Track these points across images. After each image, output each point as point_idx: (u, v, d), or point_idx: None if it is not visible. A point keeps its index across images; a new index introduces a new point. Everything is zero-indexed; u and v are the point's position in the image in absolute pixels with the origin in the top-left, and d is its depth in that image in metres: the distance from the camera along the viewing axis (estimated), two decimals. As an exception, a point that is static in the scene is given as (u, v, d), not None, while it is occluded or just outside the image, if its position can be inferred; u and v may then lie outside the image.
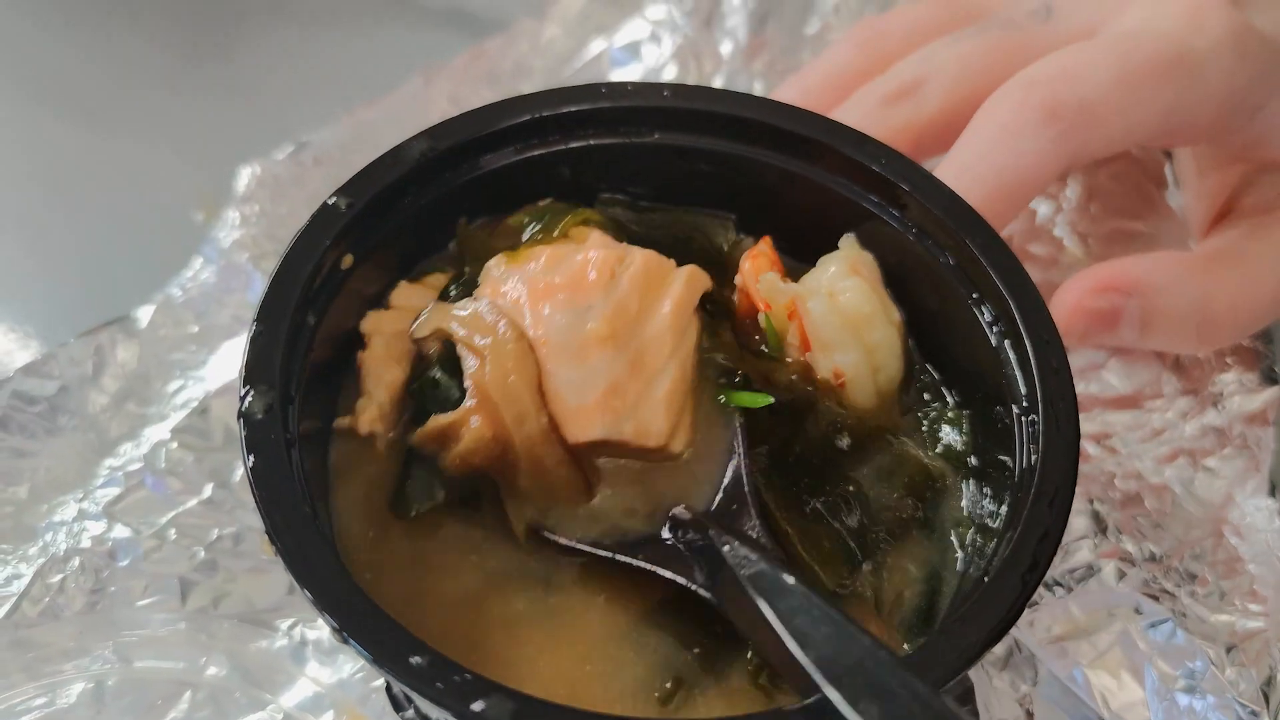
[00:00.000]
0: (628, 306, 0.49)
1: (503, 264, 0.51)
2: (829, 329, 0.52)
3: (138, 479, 0.62)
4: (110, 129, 0.84)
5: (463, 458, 0.48)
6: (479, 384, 0.48)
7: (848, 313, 0.52)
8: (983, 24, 0.63)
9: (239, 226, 0.73)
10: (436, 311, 0.51)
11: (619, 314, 0.49)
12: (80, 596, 0.59)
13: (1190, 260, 0.63)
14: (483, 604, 0.47)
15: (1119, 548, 0.63)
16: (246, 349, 0.46)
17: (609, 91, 0.55)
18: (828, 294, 0.52)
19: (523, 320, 0.49)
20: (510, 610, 0.48)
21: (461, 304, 0.50)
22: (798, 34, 0.83)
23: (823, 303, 0.52)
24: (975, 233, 0.51)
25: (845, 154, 0.54)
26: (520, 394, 0.48)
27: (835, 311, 0.52)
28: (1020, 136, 0.56)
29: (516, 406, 0.48)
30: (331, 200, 0.51)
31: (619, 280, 0.49)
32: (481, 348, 0.49)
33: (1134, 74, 0.57)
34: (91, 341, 0.67)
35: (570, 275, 0.49)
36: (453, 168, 0.53)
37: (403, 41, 0.88)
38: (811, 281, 0.53)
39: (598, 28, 0.84)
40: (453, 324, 0.50)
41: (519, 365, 0.48)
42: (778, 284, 0.53)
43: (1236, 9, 0.60)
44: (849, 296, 0.52)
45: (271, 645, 0.58)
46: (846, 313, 0.52)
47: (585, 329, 0.48)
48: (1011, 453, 0.48)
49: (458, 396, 0.49)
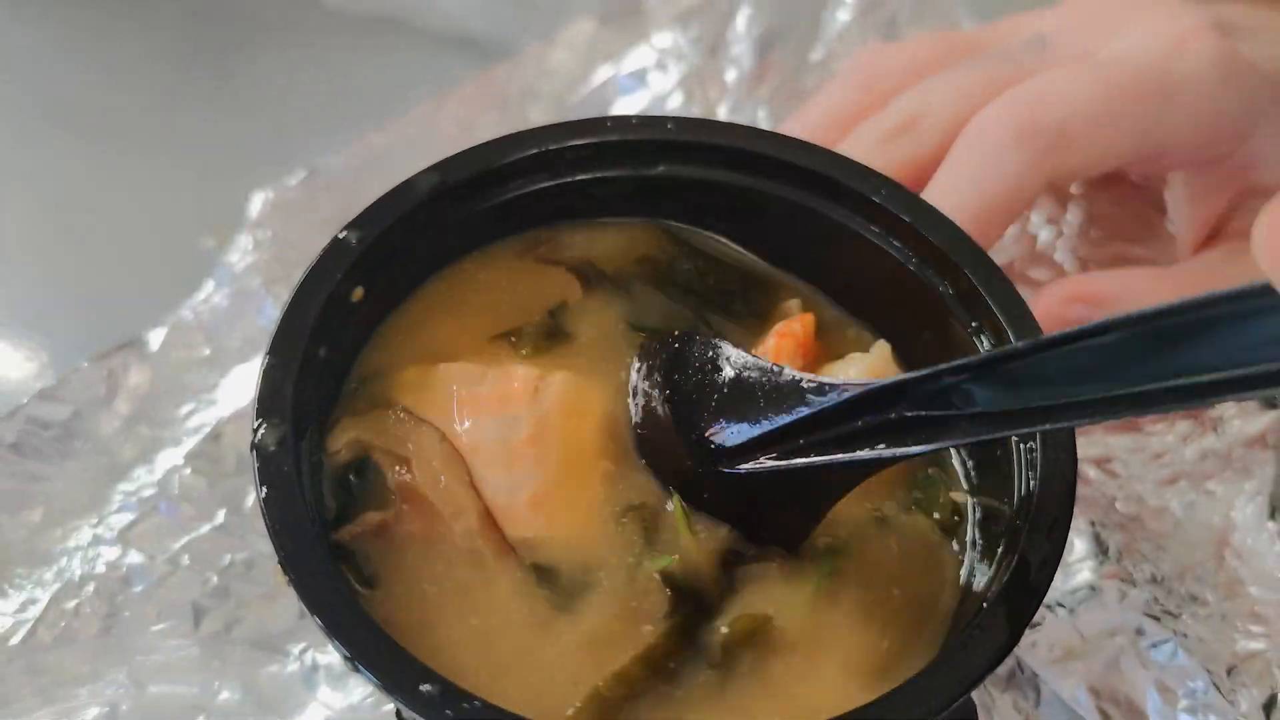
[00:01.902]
0: (552, 420, 0.50)
1: (418, 376, 0.52)
2: None
3: (151, 505, 0.63)
4: (122, 153, 0.85)
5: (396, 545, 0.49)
6: (408, 487, 0.49)
7: None
8: (978, 58, 0.64)
9: (251, 251, 0.74)
10: (349, 424, 0.51)
11: (544, 424, 0.50)
12: (95, 622, 0.60)
13: (1162, 278, 0.64)
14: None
15: (1120, 569, 0.64)
16: (259, 382, 0.47)
17: (614, 125, 0.56)
18: None
19: (448, 427, 0.50)
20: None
21: (374, 415, 0.51)
22: (803, 61, 0.84)
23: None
24: (975, 264, 0.52)
25: (848, 185, 0.55)
26: (455, 491, 0.49)
27: None
28: (998, 158, 0.57)
29: (452, 504, 0.49)
30: (342, 234, 0.51)
31: (540, 398, 0.50)
32: (407, 454, 0.49)
33: (1111, 96, 0.59)
34: (104, 365, 0.68)
35: (497, 388, 0.50)
36: (461, 201, 0.54)
37: (412, 67, 0.89)
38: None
39: (605, 55, 0.85)
40: (369, 434, 0.50)
41: (448, 466, 0.49)
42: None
43: (1224, 36, 0.61)
44: None
45: (283, 670, 0.58)
46: None
47: (515, 436, 0.49)
48: (1010, 480, 0.49)
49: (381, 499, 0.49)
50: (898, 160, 0.60)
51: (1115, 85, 0.59)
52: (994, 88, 0.60)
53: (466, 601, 0.47)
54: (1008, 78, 0.61)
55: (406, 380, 0.52)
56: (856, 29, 0.86)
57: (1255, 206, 0.66)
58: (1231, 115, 0.61)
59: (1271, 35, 0.67)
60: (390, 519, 0.49)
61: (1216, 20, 0.63)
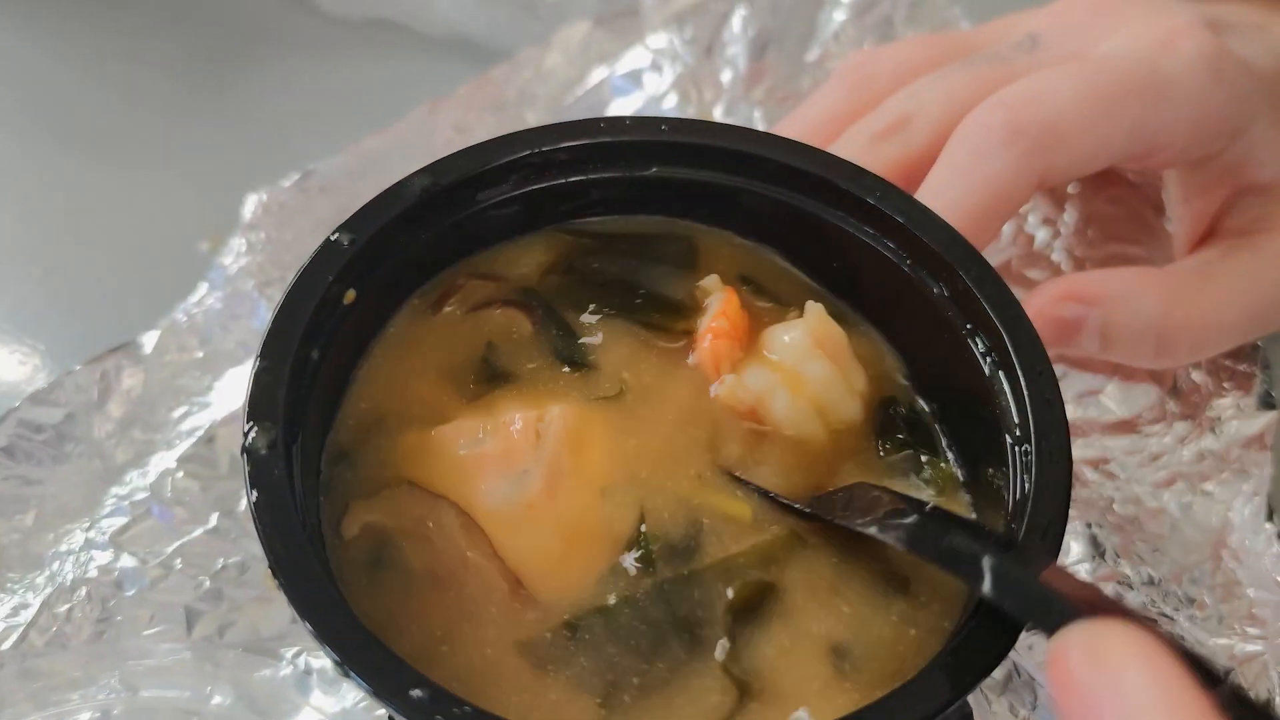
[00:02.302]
0: (561, 463, 0.49)
1: (417, 443, 0.51)
2: (792, 422, 0.52)
3: (144, 508, 0.63)
4: (116, 158, 0.84)
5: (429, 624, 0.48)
6: (434, 569, 0.48)
7: (815, 400, 0.52)
8: (969, 59, 0.64)
9: (245, 254, 0.74)
10: (360, 508, 0.50)
11: (555, 470, 0.49)
12: (87, 626, 0.59)
13: (1156, 276, 0.64)
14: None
15: (1117, 571, 0.64)
16: (250, 385, 0.47)
17: (607, 126, 0.56)
18: (791, 385, 0.52)
19: (462, 496, 0.49)
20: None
21: (384, 495, 0.49)
22: (798, 61, 0.84)
23: (786, 398, 0.51)
24: (969, 265, 0.52)
25: (840, 186, 0.54)
26: (482, 566, 0.48)
27: (800, 402, 0.51)
28: (987, 158, 0.57)
29: (482, 580, 0.48)
30: (334, 237, 0.51)
31: (545, 439, 0.49)
32: (428, 534, 0.48)
33: (1099, 94, 0.58)
34: (97, 368, 0.68)
35: (499, 442, 0.49)
36: (453, 203, 0.54)
37: (408, 71, 0.88)
38: (775, 359, 0.53)
39: (600, 56, 0.85)
40: (384, 517, 0.49)
41: (471, 541, 0.48)
42: (739, 390, 0.52)
43: (1215, 34, 0.61)
44: (815, 386, 0.52)
45: (276, 674, 0.58)
46: (814, 400, 0.52)
47: (530, 492, 0.48)
48: (1006, 483, 0.48)
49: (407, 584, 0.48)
50: (889, 160, 0.60)
51: (1105, 83, 0.59)
52: (985, 88, 0.60)
53: (505, 669, 0.47)
54: (999, 77, 0.60)
55: (407, 449, 0.51)
56: (852, 30, 0.85)
57: (1250, 204, 0.67)
58: (1223, 113, 0.61)
59: (1263, 33, 0.67)
60: (422, 604, 0.47)
61: (1207, 18, 0.63)
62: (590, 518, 0.49)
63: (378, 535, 0.49)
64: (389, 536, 0.49)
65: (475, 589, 0.48)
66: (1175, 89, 0.59)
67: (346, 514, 0.49)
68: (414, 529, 0.49)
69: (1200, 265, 0.66)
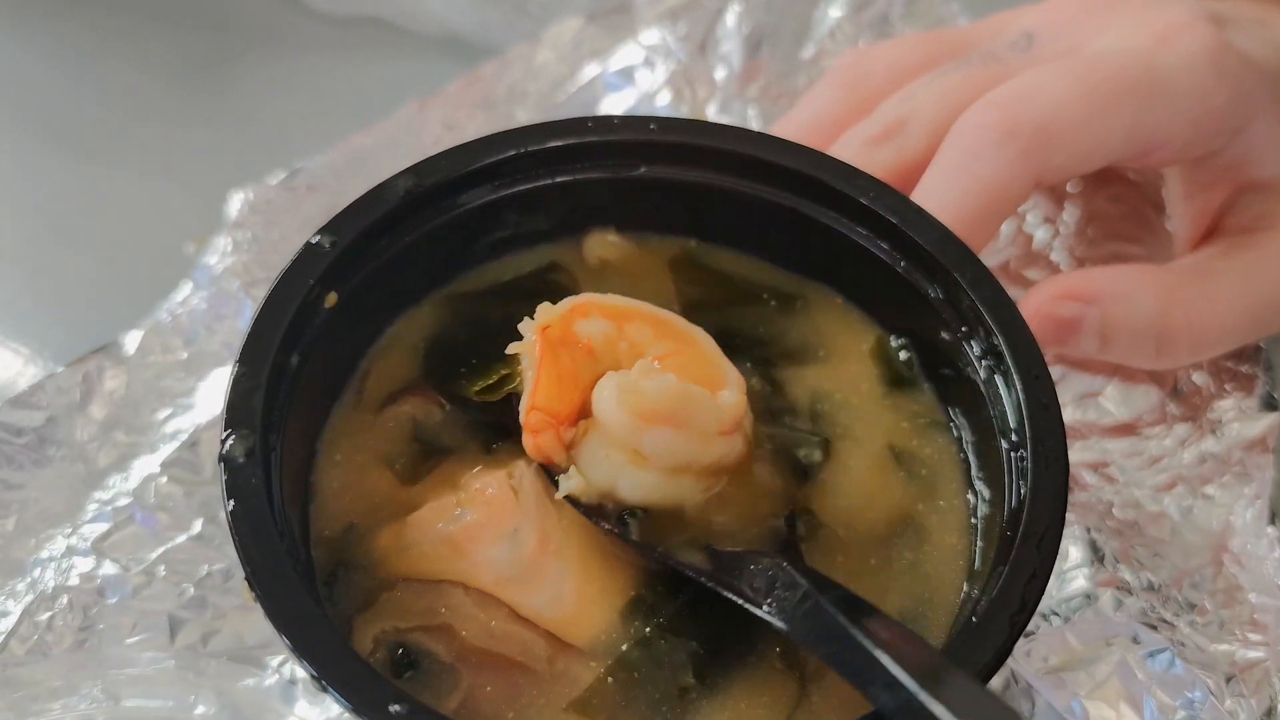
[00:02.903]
0: (547, 510, 0.48)
1: (394, 539, 0.49)
2: (658, 496, 0.48)
3: (127, 514, 0.62)
4: (101, 157, 0.83)
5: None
6: (467, 652, 0.47)
7: (668, 468, 0.48)
8: (963, 59, 0.63)
9: (231, 253, 0.73)
10: (366, 620, 0.48)
11: (544, 521, 0.48)
12: (69, 634, 0.58)
13: (1156, 275, 0.63)
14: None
15: (1116, 576, 0.63)
16: (228, 392, 0.46)
17: (595, 125, 0.55)
18: (636, 462, 0.48)
19: (462, 574, 0.48)
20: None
21: (384, 600, 0.48)
22: (792, 59, 0.83)
23: (635, 479, 0.48)
24: (964, 266, 0.51)
25: (834, 186, 0.53)
26: (510, 631, 0.47)
27: (651, 475, 0.48)
28: (981, 158, 0.56)
29: (516, 644, 0.47)
30: (315, 239, 0.50)
31: (523, 494, 0.48)
32: (445, 620, 0.47)
33: (1094, 91, 0.57)
34: (79, 370, 0.66)
35: (479, 510, 0.48)
36: (437, 204, 0.53)
37: (398, 69, 0.87)
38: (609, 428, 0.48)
39: (592, 52, 0.84)
40: (394, 620, 0.48)
41: (489, 611, 0.47)
42: (586, 487, 0.48)
43: (1216, 28, 0.60)
44: (660, 458, 0.48)
45: (260, 683, 0.57)
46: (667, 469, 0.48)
47: (527, 548, 0.47)
48: (1001, 488, 0.47)
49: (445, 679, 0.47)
50: (885, 165, 0.59)
51: (1100, 81, 0.58)
52: (980, 88, 0.59)
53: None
54: (992, 78, 0.59)
55: (386, 548, 0.49)
56: (848, 26, 0.84)
57: (1251, 202, 0.66)
58: (1223, 109, 0.60)
59: (1264, 28, 0.66)
60: (469, 694, 0.46)
61: (1208, 12, 0.62)
62: (596, 550, 0.48)
63: (394, 641, 0.47)
64: (405, 638, 0.47)
65: (514, 653, 0.47)
66: (1174, 85, 0.58)
67: (353, 632, 0.48)
68: (427, 621, 0.47)
69: (1201, 263, 0.65)
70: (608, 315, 0.50)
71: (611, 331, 0.50)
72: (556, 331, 0.49)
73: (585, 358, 0.49)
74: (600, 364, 0.49)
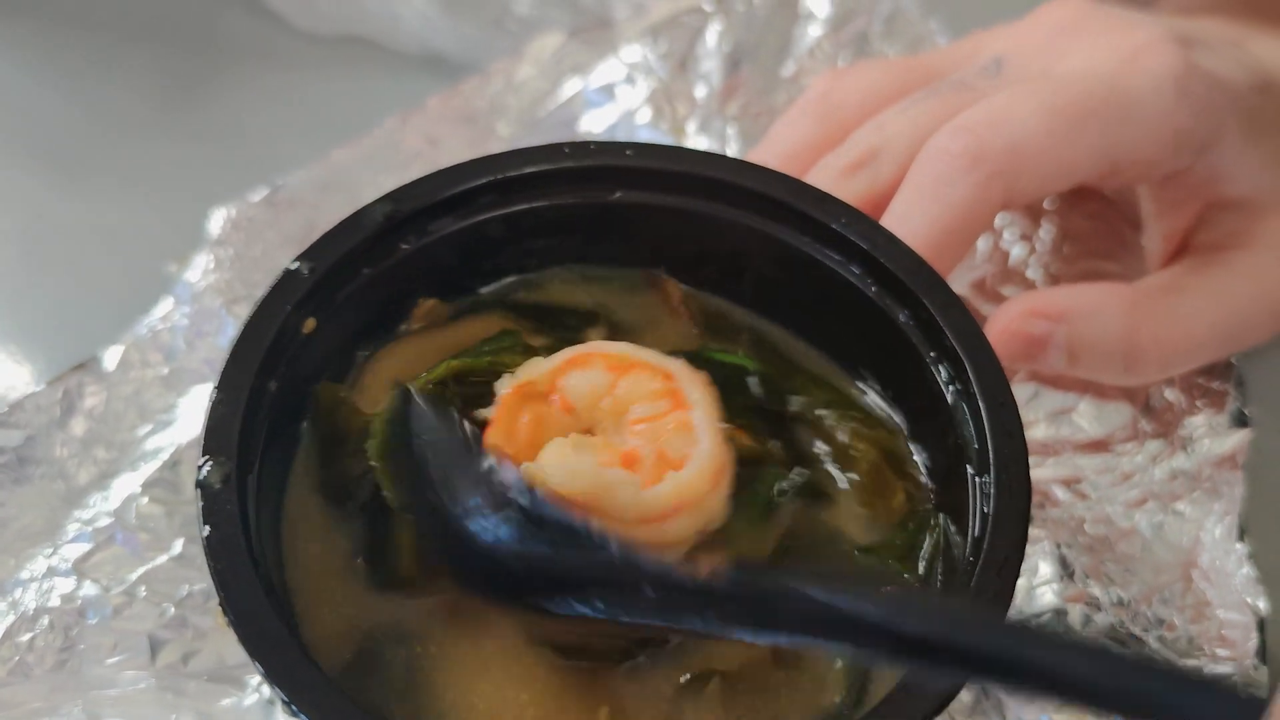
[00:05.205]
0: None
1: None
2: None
3: (108, 534, 0.62)
4: (82, 175, 0.83)
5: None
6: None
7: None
8: (934, 86, 0.64)
9: (213, 269, 0.73)
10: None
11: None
12: (50, 655, 0.59)
13: (1124, 292, 0.63)
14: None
15: (1085, 592, 0.63)
16: (206, 418, 0.47)
17: (572, 151, 0.55)
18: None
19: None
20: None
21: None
22: (773, 77, 0.84)
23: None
24: (933, 292, 0.51)
25: (806, 212, 0.54)
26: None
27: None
28: (949, 183, 0.57)
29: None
30: (294, 265, 0.51)
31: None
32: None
33: (1060, 114, 0.58)
34: (59, 387, 0.67)
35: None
36: (415, 231, 0.54)
37: (378, 87, 0.87)
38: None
39: (573, 68, 0.85)
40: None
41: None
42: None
43: (1183, 49, 0.61)
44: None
45: (240, 703, 0.58)
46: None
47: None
48: (965, 512, 0.48)
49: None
50: (858, 194, 0.59)
51: (1066, 103, 0.58)
52: (950, 116, 0.59)
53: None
54: (963, 105, 0.60)
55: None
56: (827, 45, 0.85)
57: (1221, 219, 0.66)
58: (1190, 128, 0.61)
59: (1237, 49, 0.67)
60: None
61: (1176, 33, 0.62)
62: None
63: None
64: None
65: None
66: (1139, 106, 0.59)
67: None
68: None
69: (1169, 280, 0.65)
70: (610, 367, 0.49)
71: (601, 387, 0.49)
72: (538, 388, 0.49)
73: (561, 414, 0.48)
74: (579, 421, 0.49)
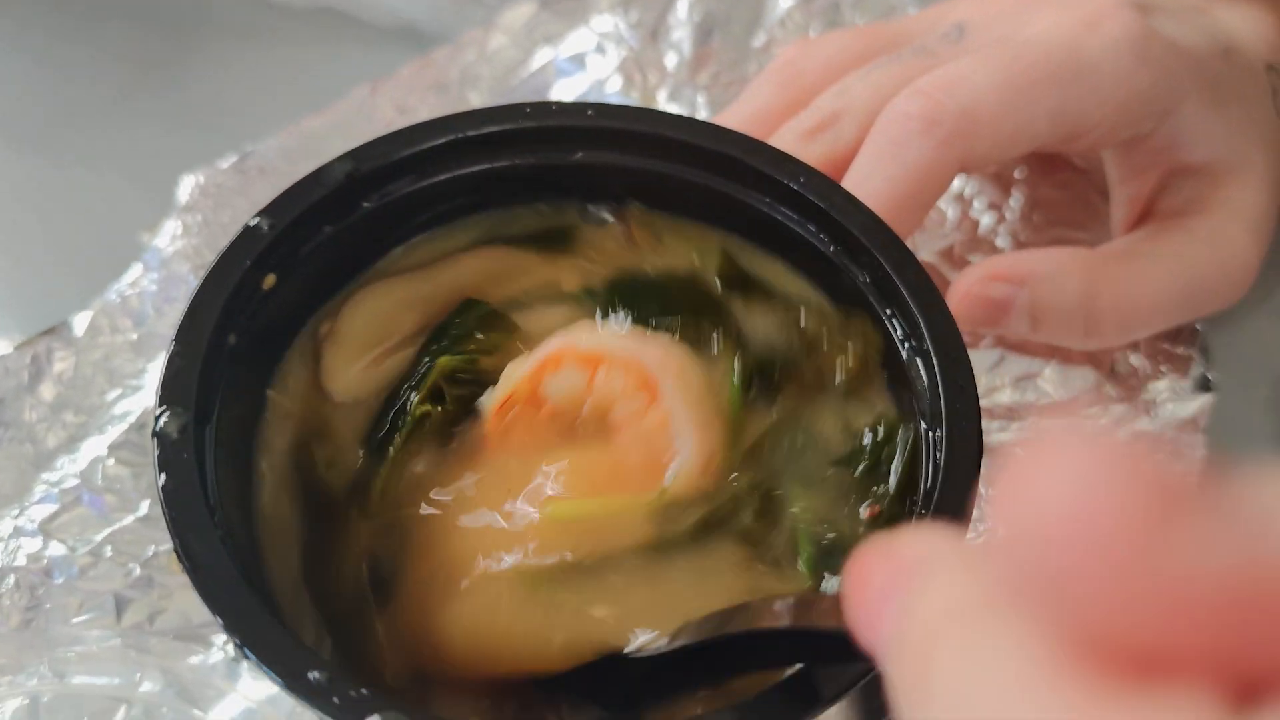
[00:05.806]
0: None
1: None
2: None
3: (74, 495, 0.62)
4: (50, 144, 0.83)
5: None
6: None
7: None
8: (897, 54, 0.64)
9: (181, 236, 0.73)
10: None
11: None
12: (16, 614, 0.59)
13: (1085, 256, 0.64)
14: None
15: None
16: (163, 370, 0.47)
17: (533, 111, 0.56)
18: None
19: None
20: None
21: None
22: (744, 47, 0.84)
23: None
24: (889, 250, 0.52)
25: (764, 172, 0.54)
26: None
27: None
28: (905, 146, 0.57)
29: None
30: (254, 222, 0.51)
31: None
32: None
33: (1016, 78, 0.58)
34: (28, 351, 0.67)
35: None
36: (375, 189, 0.54)
37: (350, 57, 0.88)
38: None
39: (545, 38, 0.85)
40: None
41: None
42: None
43: (1141, 15, 0.61)
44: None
45: (205, 661, 0.58)
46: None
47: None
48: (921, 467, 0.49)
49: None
50: (819, 157, 0.60)
51: (1022, 68, 0.59)
52: (910, 80, 0.60)
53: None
54: (924, 69, 0.60)
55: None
56: (799, 15, 0.85)
57: (1181, 185, 0.67)
58: (1149, 94, 0.61)
59: (1199, 15, 0.67)
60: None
61: (1135, 0, 0.63)
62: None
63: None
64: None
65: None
66: (1096, 71, 0.59)
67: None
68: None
69: (1129, 245, 0.66)
70: (583, 364, 0.48)
71: (579, 388, 0.48)
72: (521, 397, 0.49)
73: (549, 422, 0.48)
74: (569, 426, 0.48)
